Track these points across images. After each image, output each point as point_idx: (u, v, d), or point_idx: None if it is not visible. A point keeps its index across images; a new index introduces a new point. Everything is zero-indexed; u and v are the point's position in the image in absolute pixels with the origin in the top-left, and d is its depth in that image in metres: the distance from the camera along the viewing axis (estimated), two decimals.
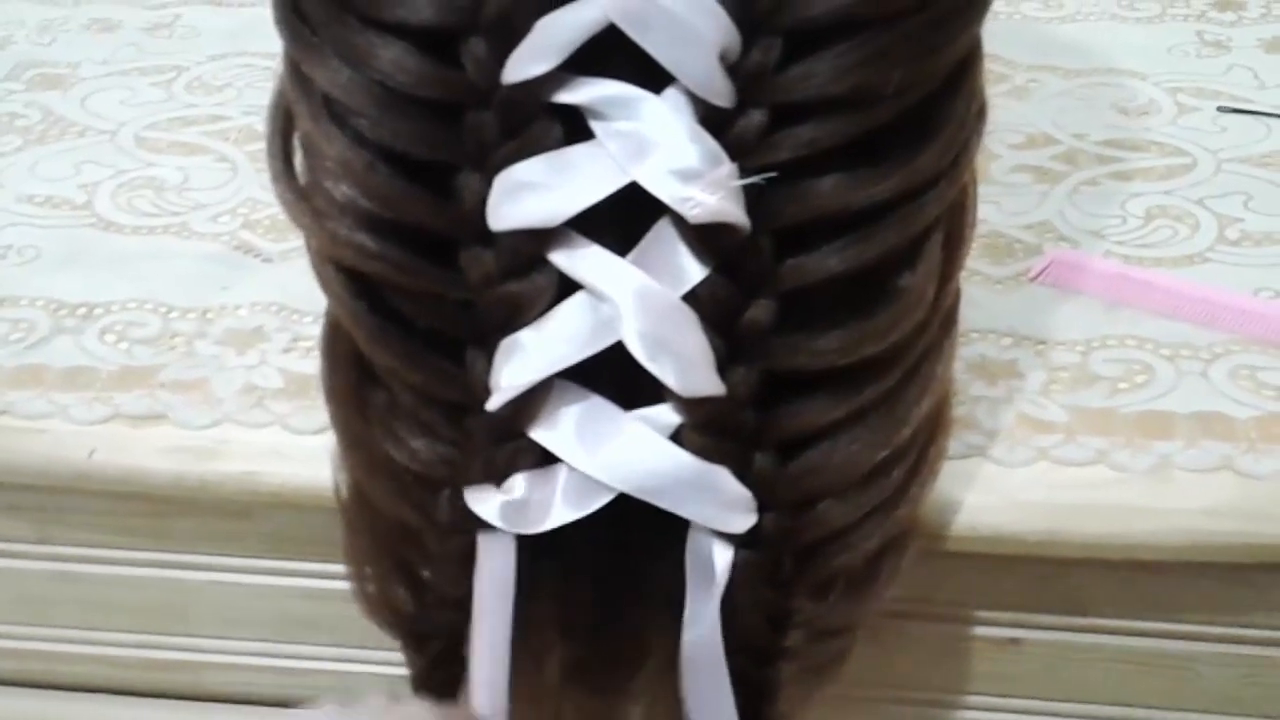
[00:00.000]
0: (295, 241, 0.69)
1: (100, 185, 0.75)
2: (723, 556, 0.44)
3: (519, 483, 0.43)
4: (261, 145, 0.75)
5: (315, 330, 0.63)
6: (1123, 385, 0.58)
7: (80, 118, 0.80)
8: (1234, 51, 0.80)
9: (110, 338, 0.64)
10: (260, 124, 0.78)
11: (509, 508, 0.44)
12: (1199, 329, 0.60)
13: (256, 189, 0.73)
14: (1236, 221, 0.67)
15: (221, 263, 0.69)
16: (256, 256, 0.69)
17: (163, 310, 0.66)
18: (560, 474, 0.44)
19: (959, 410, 0.56)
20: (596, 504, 0.43)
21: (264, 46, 0.85)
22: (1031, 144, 0.73)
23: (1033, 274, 0.64)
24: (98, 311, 0.66)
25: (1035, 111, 0.75)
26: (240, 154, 0.77)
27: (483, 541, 0.45)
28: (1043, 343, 0.60)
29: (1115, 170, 0.70)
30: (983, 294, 0.62)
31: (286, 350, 0.63)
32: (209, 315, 0.65)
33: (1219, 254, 0.65)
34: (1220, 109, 0.75)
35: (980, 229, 0.49)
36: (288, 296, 0.66)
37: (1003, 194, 0.68)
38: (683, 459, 0.43)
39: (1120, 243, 0.66)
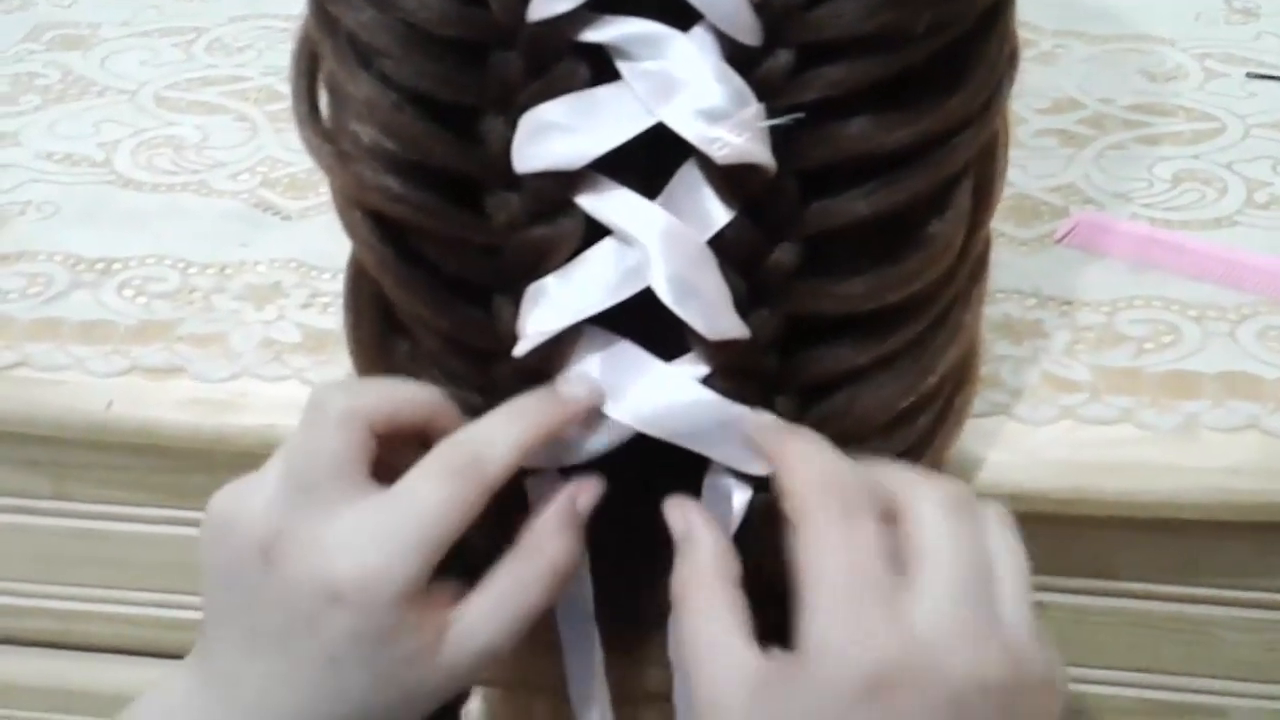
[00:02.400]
0: (314, 200, 0.69)
1: (120, 144, 0.74)
2: (740, 496, 0.44)
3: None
4: (282, 105, 0.76)
5: (334, 287, 0.63)
6: (1149, 345, 0.57)
7: (100, 77, 0.80)
8: (1263, 19, 0.80)
9: (129, 292, 0.64)
10: (281, 85, 0.78)
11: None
12: (1226, 290, 0.60)
13: (276, 148, 0.73)
14: (1265, 185, 0.66)
15: (240, 220, 0.68)
16: (275, 214, 0.69)
17: (181, 266, 0.65)
18: None
19: (983, 369, 0.55)
20: (623, 438, 0.43)
21: (284, 9, 0.85)
22: (1057, 108, 0.72)
23: (1058, 235, 0.63)
24: (116, 266, 0.65)
25: (1061, 76, 0.74)
26: (260, 114, 0.76)
27: (532, 483, 0.45)
28: (1068, 303, 0.60)
29: (1142, 135, 0.70)
30: (1008, 255, 0.62)
31: (305, 305, 0.63)
32: (227, 271, 0.65)
33: (1248, 217, 0.64)
34: (1249, 75, 0.74)
35: (1005, 191, 0.49)
36: (306, 253, 0.66)
37: (1028, 157, 0.68)
38: (708, 399, 0.43)
39: (1147, 205, 0.65)
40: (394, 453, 0.44)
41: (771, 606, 0.47)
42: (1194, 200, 0.66)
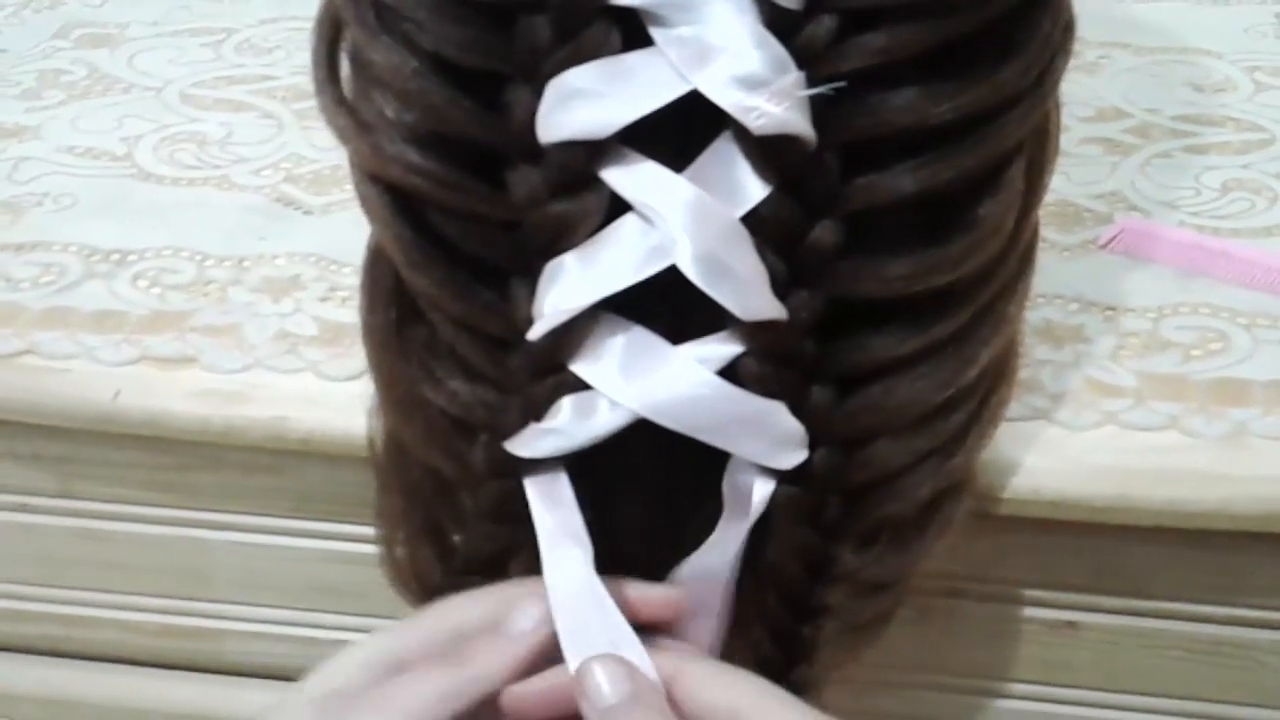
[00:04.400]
0: (338, 195, 0.68)
1: (142, 139, 0.73)
2: (762, 490, 0.42)
3: (565, 406, 0.41)
4: (309, 104, 0.74)
5: (354, 281, 0.61)
6: (1196, 352, 0.56)
7: (126, 75, 0.79)
8: None
9: (142, 283, 0.63)
10: (309, 84, 0.77)
11: (552, 432, 0.41)
12: (1277, 298, 0.58)
13: (302, 145, 0.72)
14: None
15: (261, 214, 0.67)
16: (297, 209, 0.67)
17: (198, 258, 0.64)
18: (601, 401, 0.42)
19: (1022, 374, 0.54)
20: (626, 421, 0.41)
21: (315, 11, 0.84)
22: (1102, 117, 0.71)
23: (1102, 241, 0.62)
24: (131, 258, 0.64)
25: (1106, 86, 0.73)
26: (287, 111, 0.75)
27: (534, 485, 0.42)
28: (1112, 309, 0.58)
29: (1189, 144, 0.69)
30: (1050, 260, 0.60)
31: (323, 299, 0.61)
32: (245, 264, 0.64)
33: None
34: None
35: (1048, 197, 0.47)
36: (327, 247, 0.64)
37: (1072, 165, 0.67)
38: (729, 392, 0.41)
39: (1194, 214, 0.64)
40: None
41: (793, 622, 0.45)
42: (1243, 209, 0.64)
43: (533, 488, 0.42)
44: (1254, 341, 0.56)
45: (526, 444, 0.42)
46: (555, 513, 0.42)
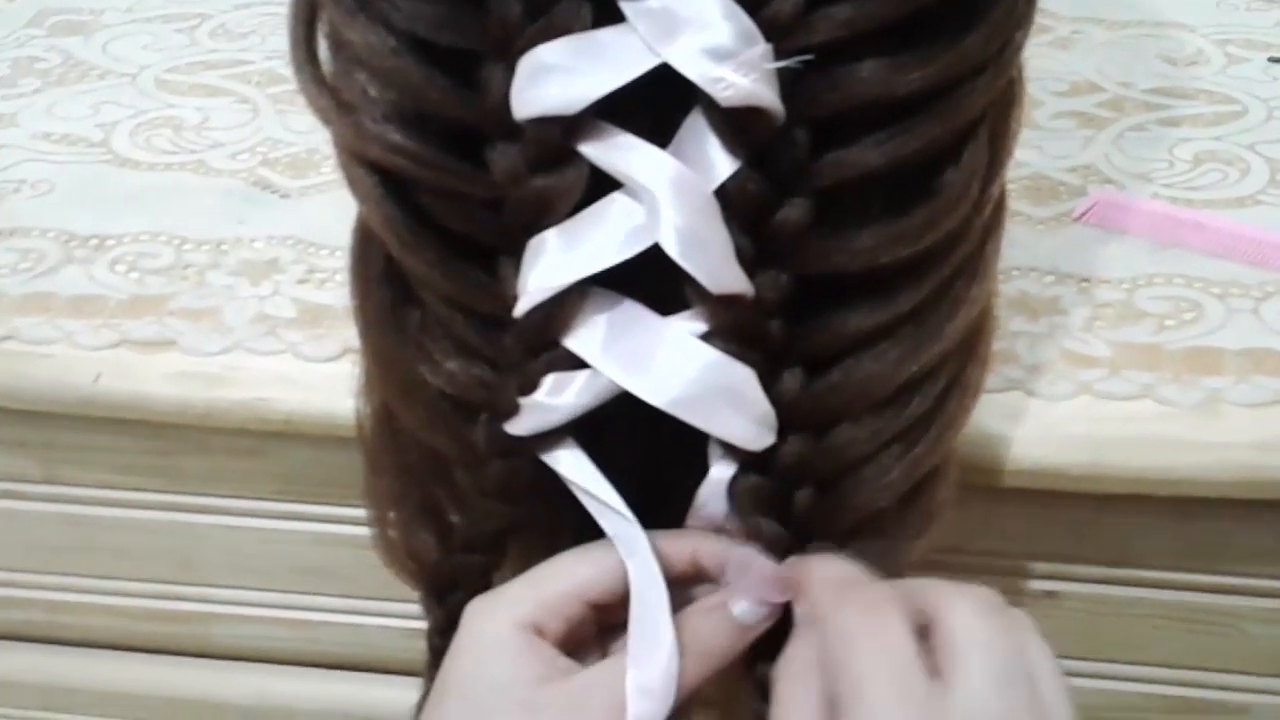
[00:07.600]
0: (315, 178, 0.68)
1: (118, 124, 0.73)
2: (720, 470, 0.42)
3: (546, 382, 0.42)
4: (284, 88, 0.75)
5: (332, 263, 0.62)
6: (1170, 322, 0.56)
7: (101, 61, 0.79)
8: None
9: (121, 268, 0.63)
10: (284, 68, 0.77)
11: (533, 408, 0.42)
12: (1249, 268, 0.59)
13: (277, 129, 0.72)
14: None
15: (238, 198, 0.67)
16: (274, 193, 0.67)
17: (176, 242, 0.64)
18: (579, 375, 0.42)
19: (999, 345, 0.54)
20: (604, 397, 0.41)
21: None
22: (1075, 91, 0.71)
23: (1077, 214, 0.62)
24: (109, 243, 0.64)
25: (1080, 61, 0.73)
26: (262, 96, 0.75)
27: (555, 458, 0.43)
28: (1086, 280, 0.58)
29: (1163, 117, 0.69)
30: (1025, 233, 0.61)
31: (302, 281, 0.61)
32: (223, 247, 0.64)
33: (1271, 197, 0.63)
34: (1271, 59, 0.73)
35: (1022, 171, 0.47)
36: (305, 230, 0.64)
37: (1046, 138, 0.67)
38: (719, 362, 0.41)
39: (1168, 185, 0.64)
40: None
41: None
42: (1216, 180, 0.64)
43: (553, 464, 0.42)
44: (1227, 311, 0.56)
45: (514, 421, 0.42)
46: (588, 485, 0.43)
